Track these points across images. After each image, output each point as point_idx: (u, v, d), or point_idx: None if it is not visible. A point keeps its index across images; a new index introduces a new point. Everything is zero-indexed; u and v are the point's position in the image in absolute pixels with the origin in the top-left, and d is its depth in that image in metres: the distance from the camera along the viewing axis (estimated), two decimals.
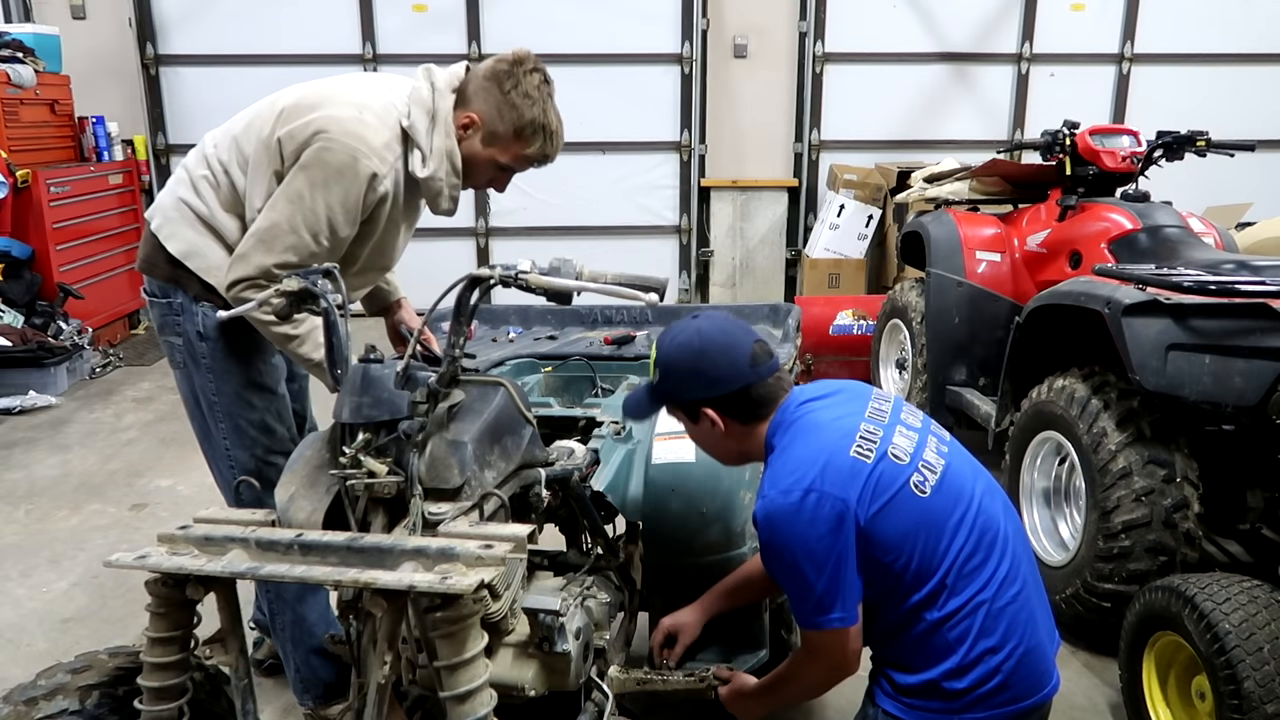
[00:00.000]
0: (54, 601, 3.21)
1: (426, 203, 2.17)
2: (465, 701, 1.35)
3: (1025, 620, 1.68)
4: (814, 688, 1.87)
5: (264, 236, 1.98)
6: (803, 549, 1.61)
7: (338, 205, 1.97)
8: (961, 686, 1.66)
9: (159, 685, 1.47)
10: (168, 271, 2.14)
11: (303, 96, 2.05)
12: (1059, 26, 7.46)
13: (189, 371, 2.19)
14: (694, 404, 1.77)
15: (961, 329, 3.98)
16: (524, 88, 2.02)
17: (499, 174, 2.15)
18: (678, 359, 1.75)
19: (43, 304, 5.77)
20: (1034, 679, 1.68)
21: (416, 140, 2.03)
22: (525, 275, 1.57)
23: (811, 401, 1.76)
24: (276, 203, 1.99)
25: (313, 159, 1.96)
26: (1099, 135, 3.74)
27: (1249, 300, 2.50)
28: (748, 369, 1.73)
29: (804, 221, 7.71)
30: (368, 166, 1.97)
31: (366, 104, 2.02)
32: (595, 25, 7.23)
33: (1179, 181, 4.64)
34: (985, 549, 1.67)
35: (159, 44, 7.12)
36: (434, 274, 2.63)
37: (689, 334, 1.75)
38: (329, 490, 1.56)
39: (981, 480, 1.77)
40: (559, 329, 2.79)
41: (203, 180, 2.13)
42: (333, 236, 2.01)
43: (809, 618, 1.65)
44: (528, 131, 2.04)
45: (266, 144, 2.03)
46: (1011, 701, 1.66)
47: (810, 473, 1.62)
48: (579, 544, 2.10)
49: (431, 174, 2.05)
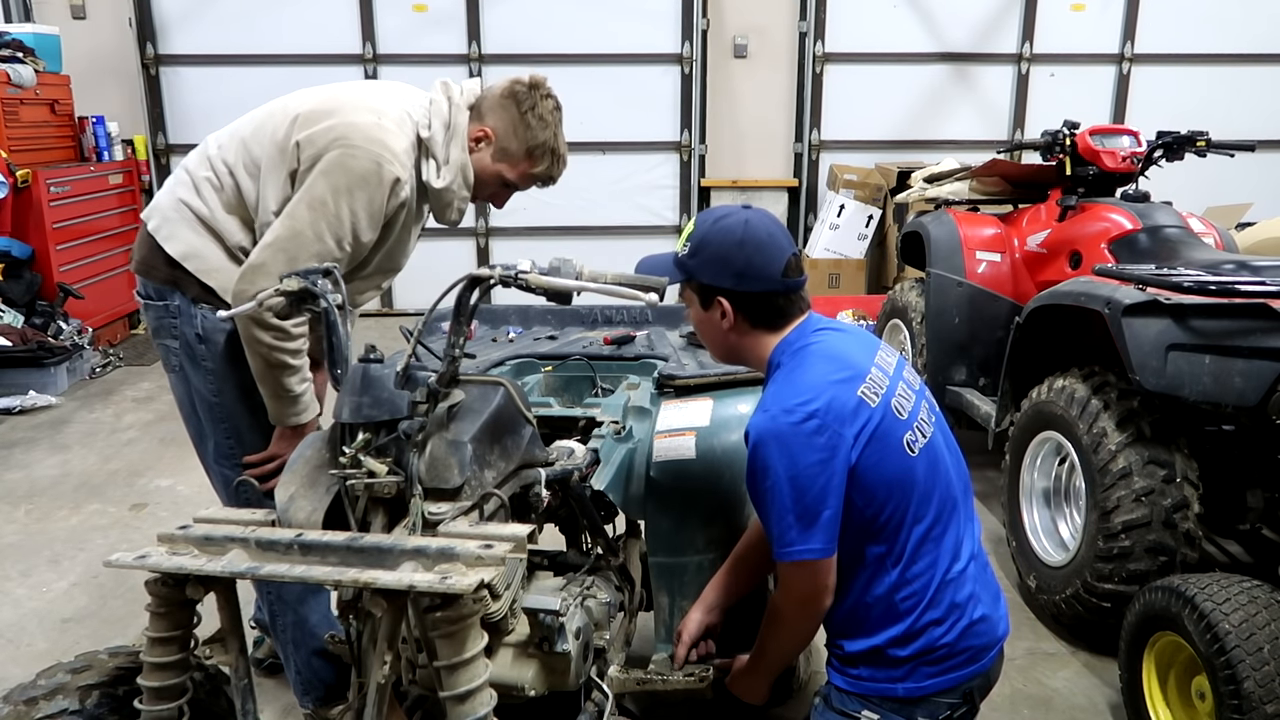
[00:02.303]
0: (54, 601, 3.21)
1: (433, 212, 2.19)
2: (465, 701, 1.35)
3: (969, 594, 1.72)
4: (794, 628, 1.81)
5: (285, 245, 1.95)
6: (789, 471, 1.60)
7: (362, 211, 1.98)
8: (904, 654, 1.70)
9: (159, 685, 1.47)
10: (166, 273, 2.12)
11: (319, 102, 2.05)
12: (1059, 26, 7.46)
13: (185, 375, 2.17)
14: (712, 289, 1.74)
15: (961, 329, 3.98)
16: (540, 110, 2.08)
17: (502, 190, 2.21)
18: (715, 241, 1.72)
19: (43, 304, 5.77)
20: (976, 649, 1.73)
21: (434, 151, 2.07)
22: (525, 275, 1.57)
23: (826, 330, 1.76)
24: (296, 210, 1.96)
25: (334, 165, 1.95)
26: (1099, 135, 3.74)
27: (1249, 300, 2.50)
28: (778, 276, 1.72)
29: (804, 221, 7.71)
30: (391, 172, 1.98)
31: (383, 110, 2.03)
32: (595, 25, 7.23)
33: (1179, 181, 4.65)
34: (944, 522, 1.71)
35: (159, 44, 7.12)
36: (434, 274, 2.63)
37: (735, 221, 1.72)
38: (329, 490, 1.56)
39: (953, 454, 1.81)
40: (559, 329, 2.78)
41: (205, 182, 2.10)
42: (355, 243, 2.01)
43: (782, 546, 1.65)
44: (538, 152, 2.11)
45: (282, 147, 2.01)
46: (953, 669, 1.71)
47: (817, 399, 1.62)
48: (579, 544, 2.09)
49: (447, 185, 2.09)
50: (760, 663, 1.88)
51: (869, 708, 1.74)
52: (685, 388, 2.20)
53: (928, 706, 1.73)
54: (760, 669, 1.89)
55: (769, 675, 1.90)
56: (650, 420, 2.12)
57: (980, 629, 1.74)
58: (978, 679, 1.75)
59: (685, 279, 1.79)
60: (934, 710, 1.73)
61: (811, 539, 1.62)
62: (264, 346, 2.00)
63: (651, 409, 2.16)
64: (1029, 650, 2.92)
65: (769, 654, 1.86)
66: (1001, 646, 1.81)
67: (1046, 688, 2.74)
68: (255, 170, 2.06)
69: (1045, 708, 2.66)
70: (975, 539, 1.82)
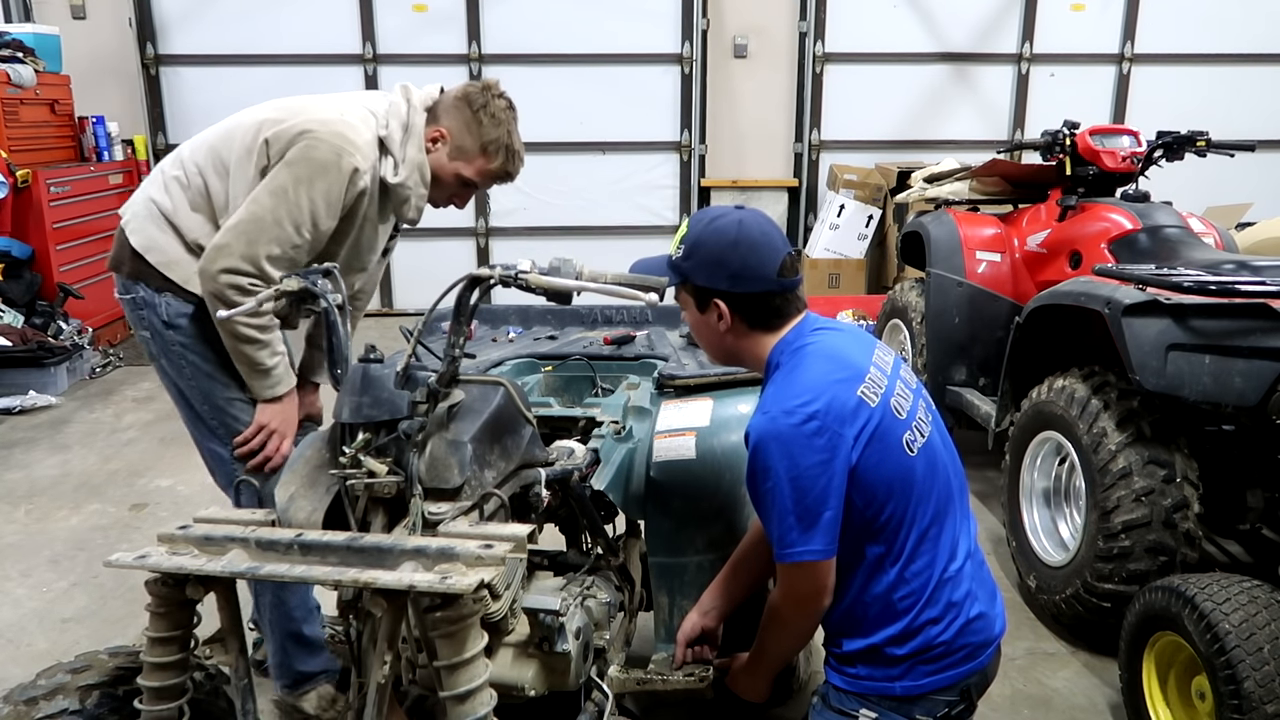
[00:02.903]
0: (54, 601, 3.21)
1: (394, 210, 2.26)
2: (465, 701, 1.35)
3: (966, 593, 1.73)
4: (794, 628, 1.81)
5: (245, 228, 2.04)
6: (790, 473, 1.60)
7: (320, 199, 2.07)
8: (901, 653, 1.70)
9: (159, 685, 1.47)
10: (131, 266, 2.21)
11: (284, 107, 2.17)
12: (1059, 26, 7.46)
13: (164, 364, 2.25)
14: (708, 291, 1.74)
15: (961, 329, 3.98)
16: (492, 109, 2.17)
17: (462, 190, 2.28)
18: (709, 243, 1.72)
19: (43, 304, 5.77)
20: (972, 647, 1.73)
21: (391, 149, 2.16)
22: (525, 275, 1.57)
23: (824, 330, 1.77)
24: (259, 196, 2.06)
25: (299, 155, 2.05)
26: (1099, 135, 3.74)
27: (1249, 300, 2.50)
28: (774, 276, 1.72)
29: (804, 221, 7.71)
30: (350, 162, 2.07)
31: (346, 109, 2.16)
32: (595, 25, 7.23)
33: (1179, 181, 4.64)
34: (942, 521, 1.72)
35: (159, 44, 7.12)
36: (434, 274, 2.63)
37: (729, 222, 1.72)
38: (329, 490, 1.56)
39: (949, 453, 1.82)
40: (559, 329, 2.78)
41: (174, 181, 2.21)
42: (314, 229, 2.09)
43: (782, 547, 1.65)
44: (492, 148, 2.18)
45: (249, 148, 2.11)
46: (950, 667, 1.71)
47: (817, 400, 1.62)
48: (579, 544, 2.10)
49: (402, 181, 2.17)
50: (760, 661, 1.88)
51: (867, 706, 1.74)
52: (685, 388, 2.20)
53: (925, 704, 1.73)
54: (760, 667, 1.89)
55: (769, 673, 1.90)
56: (650, 420, 2.12)
57: (977, 626, 1.74)
58: (975, 676, 1.76)
59: (680, 282, 1.78)
60: (932, 708, 1.73)
61: (812, 540, 1.62)
62: (232, 323, 2.07)
63: (651, 409, 2.16)
64: (1029, 650, 2.92)
65: (768, 652, 1.87)
66: (998, 644, 1.82)
67: (1046, 688, 2.74)
68: (224, 171, 2.17)
69: (1045, 708, 2.66)
70: (971, 537, 1.82)
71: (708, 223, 1.74)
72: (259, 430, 2.22)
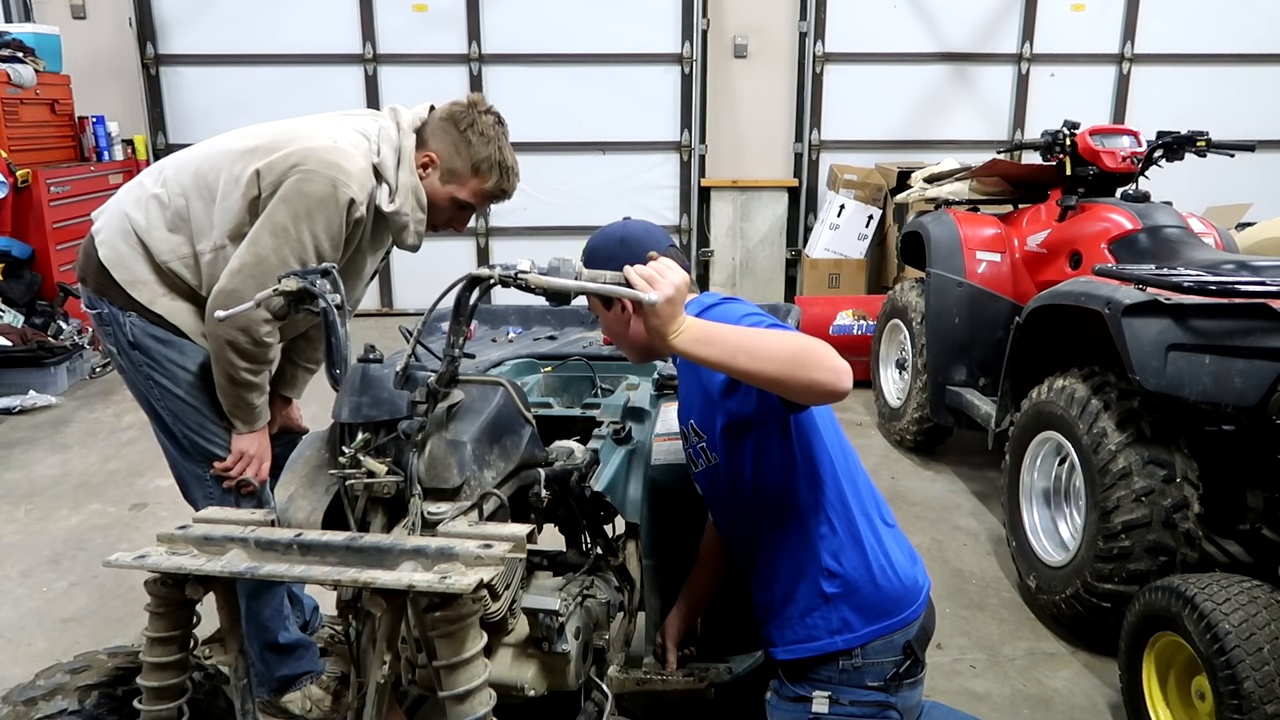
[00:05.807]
0: (54, 601, 3.21)
1: (393, 237, 2.23)
2: (464, 701, 1.35)
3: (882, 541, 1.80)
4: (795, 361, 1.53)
5: (253, 271, 2.00)
6: (748, 308, 1.72)
7: (322, 234, 2.03)
8: (833, 591, 1.75)
9: (158, 685, 1.47)
10: (96, 280, 2.16)
11: (275, 133, 2.11)
12: (1059, 27, 7.46)
13: (133, 379, 2.21)
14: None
15: (961, 329, 3.98)
16: (479, 126, 2.12)
17: (459, 212, 2.25)
18: (598, 244, 1.85)
19: (43, 304, 5.78)
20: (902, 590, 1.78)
21: (385, 176, 2.11)
22: (525, 275, 1.57)
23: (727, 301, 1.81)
24: (260, 237, 2.01)
25: (293, 191, 2.00)
26: (1099, 135, 3.75)
27: (1249, 300, 2.50)
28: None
29: (804, 221, 7.71)
30: (346, 194, 2.03)
31: (338, 134, 2.10)
32: (595, 25, 7.23)
33: (1179, 181, 4.64)
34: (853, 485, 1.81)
35: (159, 44, 7.12)
36: (434, 274, 2.63)
37: (615, 226, 1.89)
38: (328, 490, 1.56)
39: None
40: (559, 329, 2.78)
41: (153, 199, 2.15)
42: (320, 263, 2.03)
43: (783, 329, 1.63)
44: (484, 168, 2.15)
45: (238, 178, 2.06)
46: (883, 616, 1.75)
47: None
48: (579, 544, 2.09)
49: (397, 209, 2.13)
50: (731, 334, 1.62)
51: (819, 688, 1.76)
52: None
53: (874, 670, 1.75)
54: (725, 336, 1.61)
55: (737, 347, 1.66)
56: (650, 421, 2.12)
57: (901, 572, 1.79)
58: (914, 628, 1.78)
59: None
60: (880, 671, 1.76)
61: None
62: (234, 368, 2.06)
63: (651, 410, 2.16)
64: (1029, 650, 2.92)
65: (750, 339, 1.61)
66: (928, 595, 1.85)
67: (1046, 688, 2.74)
68: (209, 196, 2.10)
69: (1045, 708, 2.66)
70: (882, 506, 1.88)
71: (597, 234, 1.88)
72: (240, 458, 2.20)
